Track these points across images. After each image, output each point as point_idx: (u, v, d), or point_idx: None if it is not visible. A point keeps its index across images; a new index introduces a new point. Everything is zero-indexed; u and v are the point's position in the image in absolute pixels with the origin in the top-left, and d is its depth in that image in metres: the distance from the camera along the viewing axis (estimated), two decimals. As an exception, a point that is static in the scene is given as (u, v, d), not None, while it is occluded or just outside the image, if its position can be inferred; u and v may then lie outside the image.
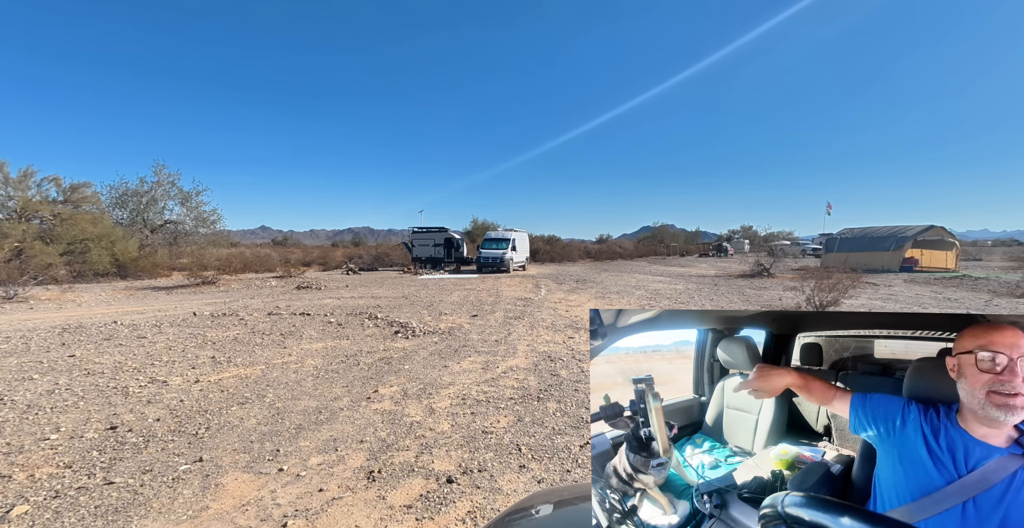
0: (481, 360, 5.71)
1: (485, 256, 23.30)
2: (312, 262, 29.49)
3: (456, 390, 4.54)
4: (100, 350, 6.00)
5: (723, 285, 15.99)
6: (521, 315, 9.32)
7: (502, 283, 17.17)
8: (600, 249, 40.18)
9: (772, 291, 13.92)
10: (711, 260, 38.04)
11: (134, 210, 22.12)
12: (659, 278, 19.23)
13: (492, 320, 8.73)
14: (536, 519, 1.05)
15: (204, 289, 14.88)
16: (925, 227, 22.95)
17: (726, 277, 19.64)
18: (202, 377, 4.87)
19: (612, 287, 15.16)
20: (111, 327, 7.56)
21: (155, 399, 4.20)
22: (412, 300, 11.75)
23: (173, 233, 23.02)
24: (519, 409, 4.03)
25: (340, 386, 4.66)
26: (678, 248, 47.86)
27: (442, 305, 10.80)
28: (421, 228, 28.06)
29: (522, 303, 11.26)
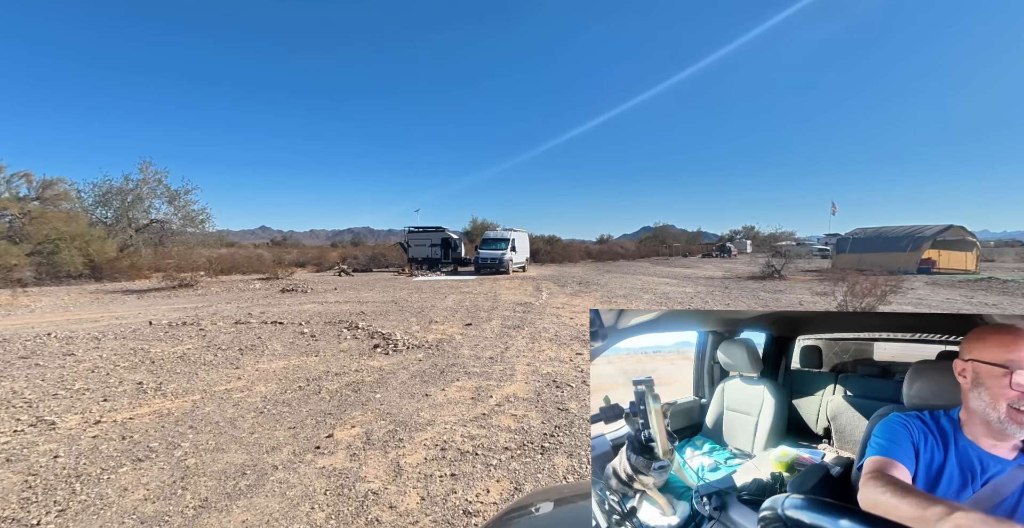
0: (471, 386, 4.66)
1: (483, 257, 22.22)
2: (307, 263, 28.61)
3: (435, 433, 3.49)
4: (2, 373, 4.94)
5: (734, 288, 14.88)
6: (520, 324, 8.26)
7: (501, 286, 15.94)
8: (601, 249, 39.50)
9: (789, 295, 12.89)
10: (715, 261, 37.00)
11: (119, 209, 20.91)
12: (665, 280, 18.11)
13: (488, 330, 7.66)
14: (536, 517, 1.06)
15: (180, 293, 13.70)
16: (944, 227, 21.85)
17: (735, 279, 18.51)
18: (108, 415, 3.78)
19: (618, 290, 14.11)
20: (42, 340, 6.49)
21: (19, 454, 3.07)
22: (402, 305, 10.71)
23: (159, 233, 21.73)
24: (517, 467, 2.98)
25: (286, 427, 3.60)
26: (681, 248, 47.23)
27: (433, 311, 9.72)
28: (417, 228, 26.88)
29: (522, 309, 10.16)
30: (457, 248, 26.25)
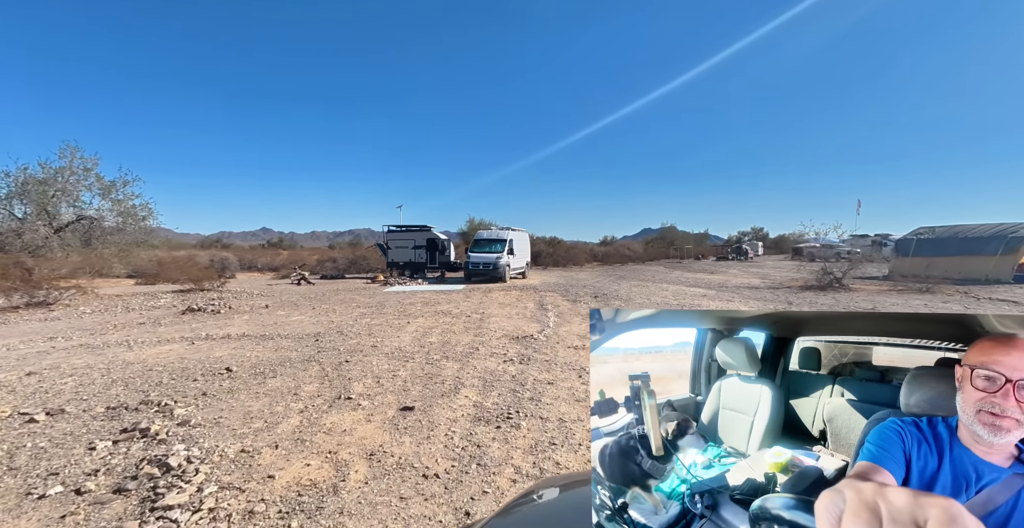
0: None
1: (475, 261, 18.77)
2: (279, 267, 25.34)
3: None
4: None
5: (798, 302, 12.00)
6: (515, 400, 4.42)
7: (493, 300, 12.58)
8: (607, 252, 38.74)
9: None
10: (734, 264, 34.44)
11: (39, 203, 16.83)
12: (699, 290, 14.93)
13: (441, 423, 3.86)
14: (539, 504, 1.06)
15: (28, 313, 10.15)
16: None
17: (785, 289, 15.21)
18: None
19: (648, 307, 9.97)
20: None
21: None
22: (324, 345, 6.88)
23: (87, 231, 17.52)
24: None
25: None
26: (692, 250, 46.29)
27: (370, 358, 6.03)
28: (399, 226, 22.90)
29: (518, 352, 6.34)
30: (445, 250, 22.38)
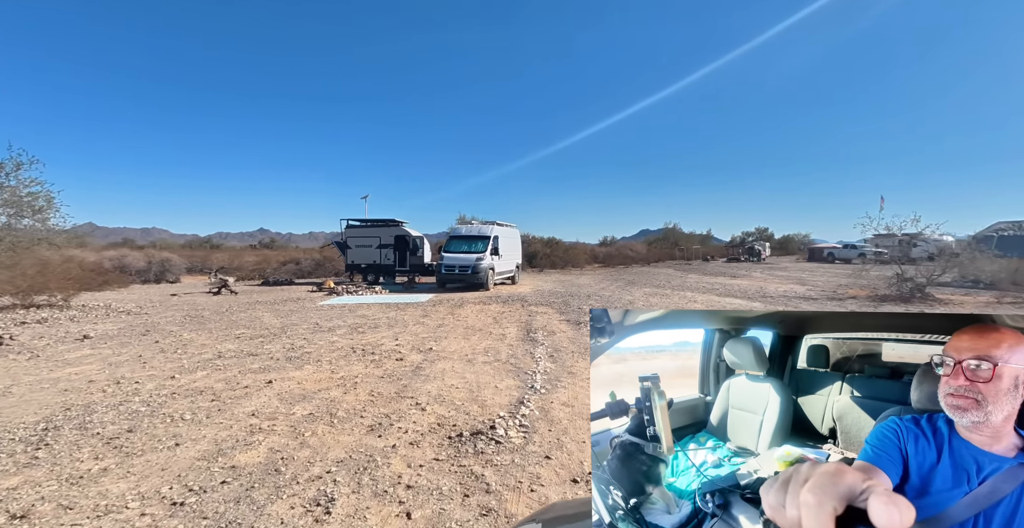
0: None
1: (449, 263, 14.93)
2: (243, 267, 21.67)
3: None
4: None
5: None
6: None
7: (460, 322, 8.81)
8: (609, 253, 37.64)
9: None
10: (751, 266, 31.38)
11: None
12: (733, 300, 11.90)
13: None
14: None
15: None
16: None
17: (851, 300, 11.81)
18: None
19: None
20: None
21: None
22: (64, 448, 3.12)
23: None
24: None
25: None
26: (700, 251, 44.49)
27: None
28: (362, 221, 18.88)
29: (450, 484, 2.73)
30: (418, 250, 18.09)
